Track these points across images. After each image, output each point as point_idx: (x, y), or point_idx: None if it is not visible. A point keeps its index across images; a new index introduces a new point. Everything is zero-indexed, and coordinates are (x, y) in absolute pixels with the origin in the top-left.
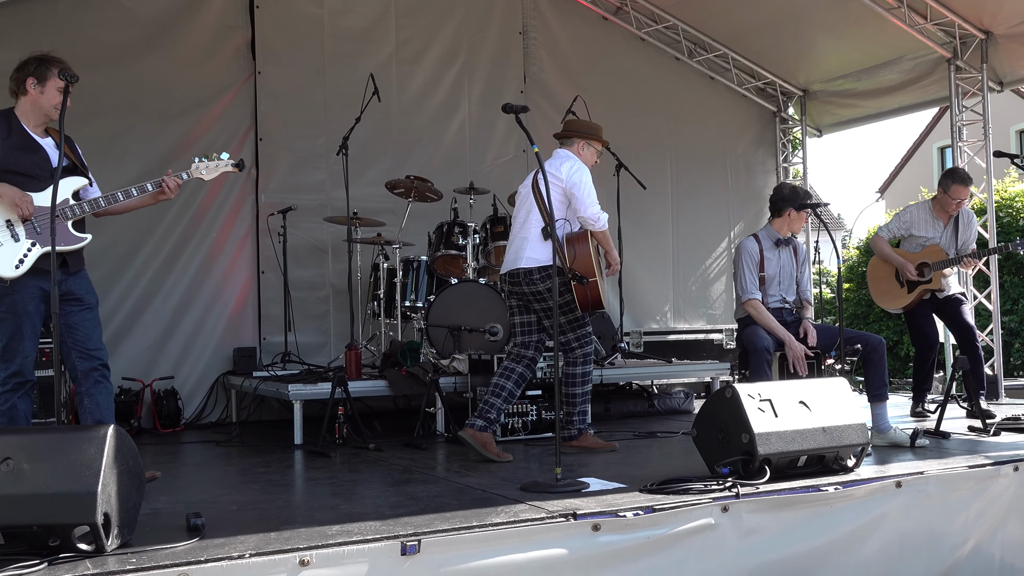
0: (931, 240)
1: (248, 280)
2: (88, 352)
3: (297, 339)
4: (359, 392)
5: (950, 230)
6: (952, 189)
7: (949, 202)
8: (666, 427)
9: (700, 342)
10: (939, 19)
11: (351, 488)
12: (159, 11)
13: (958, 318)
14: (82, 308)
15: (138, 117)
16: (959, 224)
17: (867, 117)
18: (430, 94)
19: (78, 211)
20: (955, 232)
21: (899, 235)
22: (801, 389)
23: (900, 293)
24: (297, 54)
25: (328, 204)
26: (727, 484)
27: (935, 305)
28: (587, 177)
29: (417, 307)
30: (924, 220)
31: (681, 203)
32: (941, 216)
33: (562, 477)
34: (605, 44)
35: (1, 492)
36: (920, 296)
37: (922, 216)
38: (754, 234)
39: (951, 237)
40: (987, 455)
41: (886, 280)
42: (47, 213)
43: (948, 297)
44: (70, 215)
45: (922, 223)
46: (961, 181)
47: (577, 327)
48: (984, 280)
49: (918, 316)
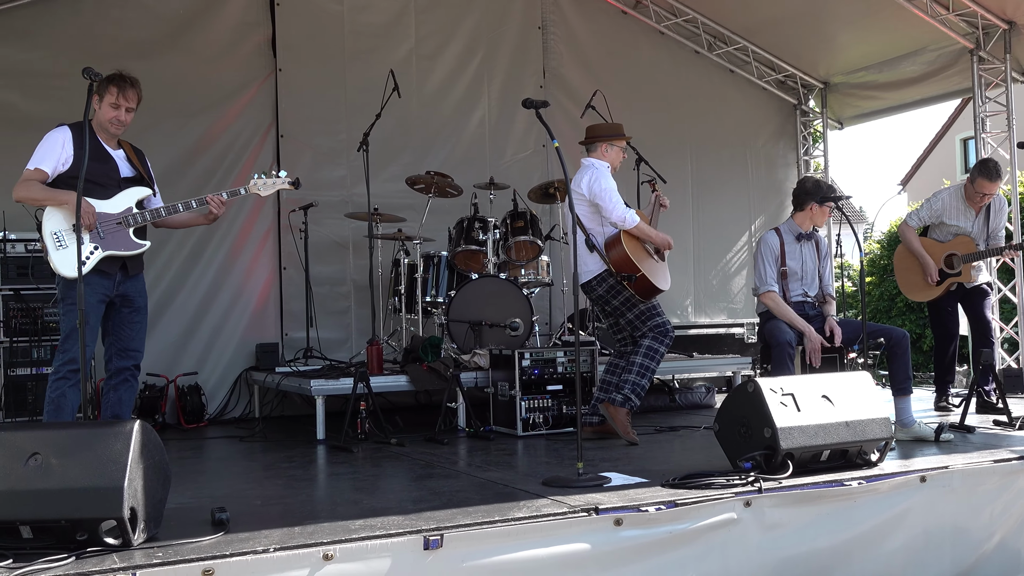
0: (962, 230)
1: (270, 276)
2: (127, 351)
3: (319, 335)
4: (381, 387)
5: (981, 218)
6: (978, 182)
7: (975, 195)
8: (688, 422)
9: (721, 336)
10: (961, 9)
11: (373, 483)
12: (180, 9)
13: (979, 311)
14: (132, 311)
15: (161, 114)
16: (990, 211)
17: (889, 109)
18: (449, 90)
19: (139, 219)
20: (986, 220)
21: (929, 223)
22: (824, 383)
23: (926, 285)
24: (317, 51)
25: (349, 200)
26: (749, 479)
27: (961, 295)
28: (607, 183)
29: (438, 302)
30: (956, 208)
31: (701, 197)
32: (972, 205)
33: (584, 472)
34: (624, 38)
35: (30, 487)
36: (947, 288)
37: (954, 204)
38: (776, 228)
39: (982, 226)
40: (1012, 449)
41: (913, 271)
42: (110, 219)
43: (975, 287)
44: (132, 223)
45: (953, 211)
46: (987, 175)
47: (647, 319)
48: (1009, 272)
49: (943, 307)
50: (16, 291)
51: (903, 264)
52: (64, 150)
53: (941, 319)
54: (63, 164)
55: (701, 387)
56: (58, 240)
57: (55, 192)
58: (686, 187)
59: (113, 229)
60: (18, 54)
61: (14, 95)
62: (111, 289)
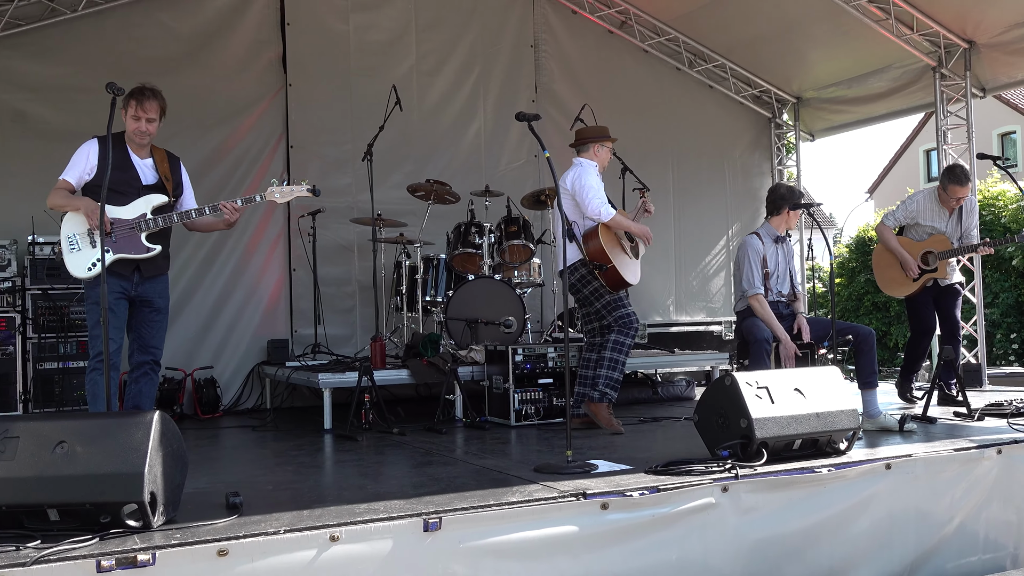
0: (937, 229)
1: (281, 277)
2: (146, 347)
3: (326, 331)
4: (383, 380)
5: (955, 219)
6: (950, 189)
7: (947, 199)
8: (669, 413)
9: (700, 333)
10: (924, 30)
11: (377, 469)
12: (197, 28)
13: (950, 312)
14: (151, 311)
15: (179, 126)
16: (963, 212)
17: (857, 122)
18: (448, 103)
19: (151, 225)
20: (959, 220)
21: (904, 223)
22: (796, 377)
23: (905, 281)
24: (325, 67)
25: (354, 206)
26: (727, 466)
27: (935, 292)
28: (589, 180)
29: (437, 301)
30: (930, 209)
31: (682, 203)
32: (946, 206)
33: (572, 459)
34: (611, 56)
35: (57, 473)
36: (924, 284)
37: (928, 205)
38: (756, 232)
39: (956, 225)
40: (971, 439)
41: (891, 268)
42: (124, 224)
43: (948, 287)
44: (144, 228)
45: (928, 212)
46: (956, 181)
47: (613, 309)
48: (968, 274)
49: (920, 303)
50: (44, 290)
51: (881, 262)
52: (88, 161)
53: (918, 314)
54: (88, 174)
55: (682, 381)
56: (72, 244)
57: (72, 199)
58: (668, 194)
59: (125, 234)
60: (47, 70)
61: (45, 109)
62: (129, 289)
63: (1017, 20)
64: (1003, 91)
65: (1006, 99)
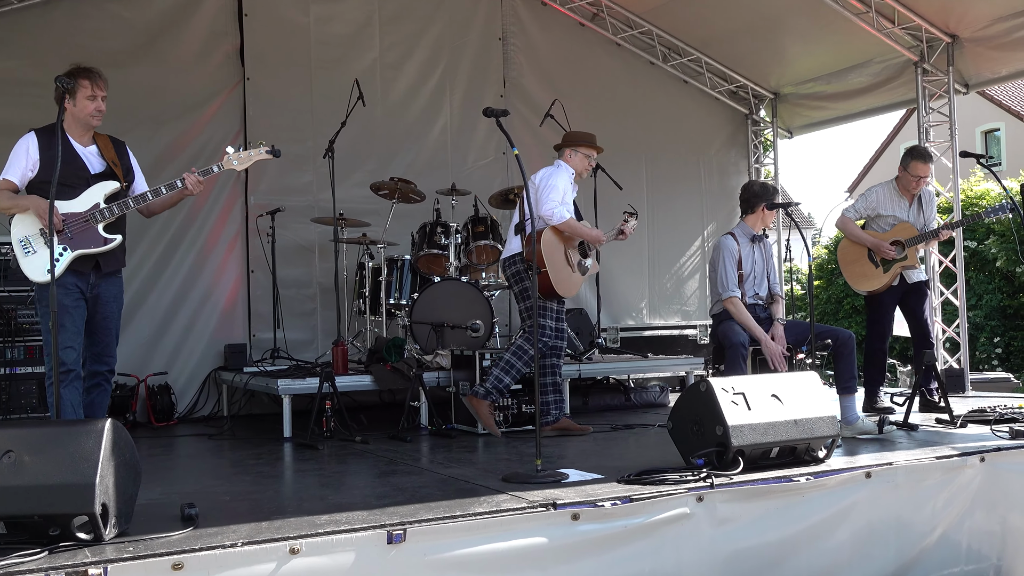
0: (899, 218)
1: (238, 279)
2: (101, 356)
3: (285, 336)
4: (346, 387)
5: (916, 208)
6: (912, 166)
7: (910, 180)
8: (642, 420)
9: (675, 338)
10: (906, 23)
11: (339, 479)
12: (151, 19)
13: (919, 311)
14: (104, 316)
15: (132, 122)
16: (922, 201)
17: (836, 119)
18: (413, 98)
19: (107, 214)
20: (920, 209)
21: (866, 215)
22: (773, 383)
23: (875, 273)
24: (284, 60)
25: (315, 205)
26: (702, 475)
27: (902, 291)
28: (555, 180)
29: (401, 304)
30: (890, 199)
31: (656, 203)
32: (905, 195)
33: (542, 468)
34: (582, 49)
35: (3, 483)
36: (895, 275)
37: (887, 195)
38: (731, 232)
39: (917, 215)
40: (954, 446)
41: (859, 262)
42: (77, 218)
43: (915, 285)
44: (100, 218)
45: (888, 202)
46: (920, 157)
47: (532, 315)
48: (951, 276)
49: (885, 302)
50: None
51: (848, 257)
52: (29, 157)
53: (881, 315)
54: (31, 171)
55: (655, 387)
56: (26, 247)
57: (18, 199)
58: (641, 194)
59: (81, 228)
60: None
61: None
62: (87, 289)
63: (1001, 13)
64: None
65: (990, 95)
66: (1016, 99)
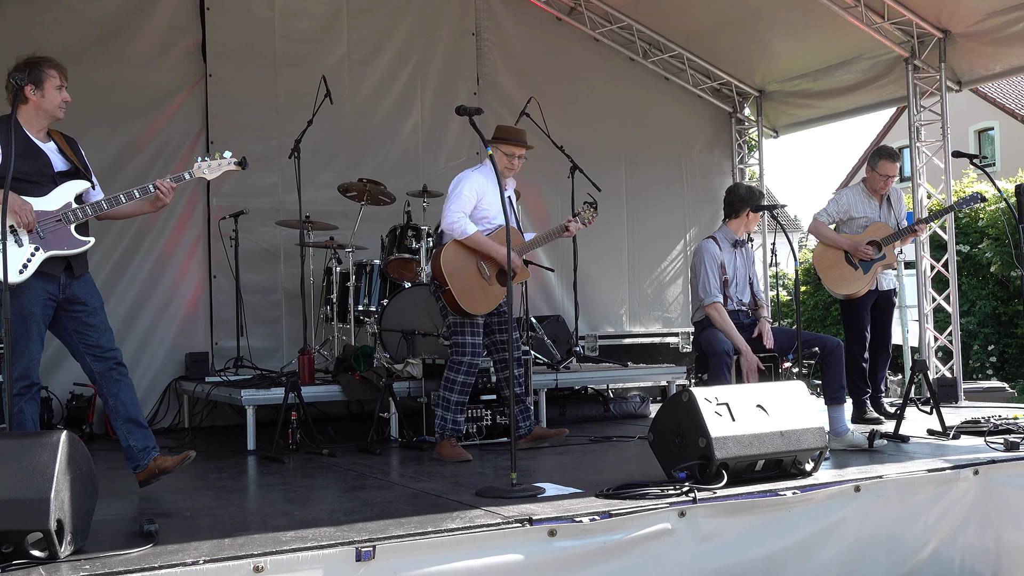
0: (871, 219)
1: (200, 285)
2: (101, 354)
3: (249, 344)
4: (312, 397)
5: (886, 207)
6: (880, 165)
7: (878, 179)
8: (622, 431)
9: (656, 346)
10: (897, 18)
11: (305, 494)
12: (108, 13)
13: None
14: (88, 311)
15: (89, 120)
16: (891, 201)
17: (824, 118)
18: (383, 96)
19: (80, 215)
20: (890, 208)
21: (838, 219)
22: (759, 393)
23: (855, 276)
24: (248, 56)
25: (280, 208)
26: (684, 489)
27: (874, 299)
28: (462, 187)
29: (370, 311)
30: (860, 201)
31: (636, 205)
32: (875, 196)
33: (518, 482)
34: (559, 45)
35: None
36: (875, 275)
37: (857, 197)
38: (712, 236)
39: (888, 214)
40: (947, 459)
41: (837, 266)
42: (49, 217)
43: (886, 294)
44: (72, 219)
45: (859, 204)
46: (888, 157)
47: (452, 334)
48: (943, 282)
49: (862, 307)
50: None
51: (825, 262)
52: None
53: (858, 320)
54: None
55: (635, 397)
56: None
57: None
58: (620, 195)
59: (53, 227)
60: None
61: None
62: (57, 292)
63: (996, 7)
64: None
65: (983, 93)
66: (1011, 97)
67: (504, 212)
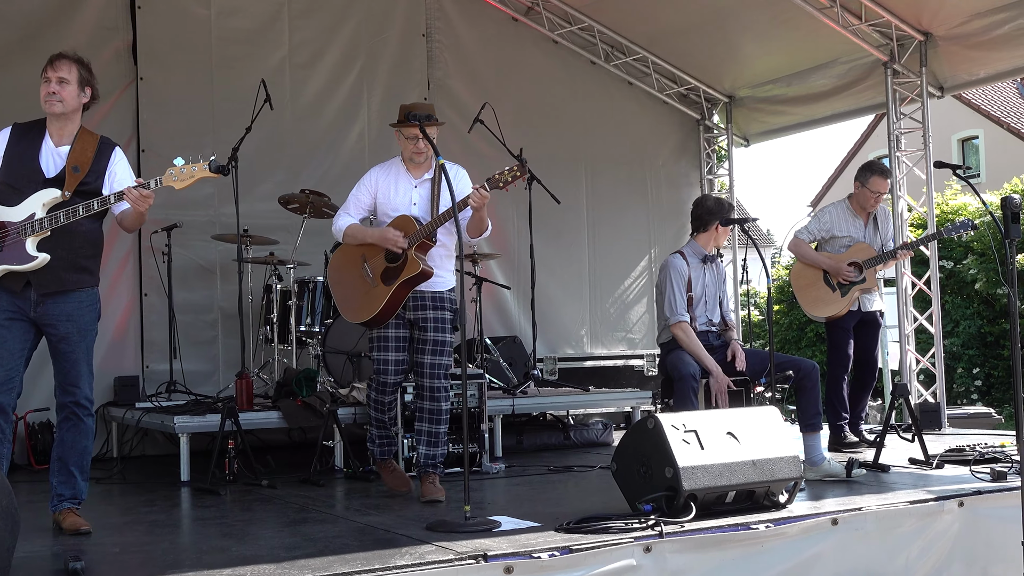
0: (855, 239)
1: (130, 304)
2: (64, 386)
3: (183, 367)
4: (251, 424)
5: (871, 228)
6: (871, 182)
7: (868, 197)
8: (583, 461)
9: (619, 369)
10: (875, 19)
11: (243, 529)
12: (31, 12)
13: (869, 344)
14: (58, 337)
15: None
16: (878, 220)
17: (798, 125)
18: (326, 101)
19: (36, 227)
20: (876, 229)
21: (820, 237)
22: (729, 419)
23: (833, 298)
24: (182, 58)
25: (216, 221)
26: (650, 522)
27: (857, 320)
28: (357, 186)
29: (313, 332)
30: (844, 219)
31: (598, 218)
32: (860, 214)
33: (472, 515)
34: (515, 47)
35: None
36: (854, 299)
37: (841, 215)
38: (679, 251)
39: (873, 235)
40: (930, 489)
41: (814, 286)
42: (13, 228)
43: (870, 315)
44: (30, 231)
45: (843, 223)
46: (880, 173)
47: (370, 350)
48: (925, 301)
49: (843, 328)
50: None
51: (802, 281)
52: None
53: (840, 343)
54: None
55: (598, 423)
56: None
57: None
58: (581, 208)
59: (12, 240)
60: None
61: None
62: (28, 308)
63: (980, 8)
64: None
65: (967, 99)
66: (996, 104)
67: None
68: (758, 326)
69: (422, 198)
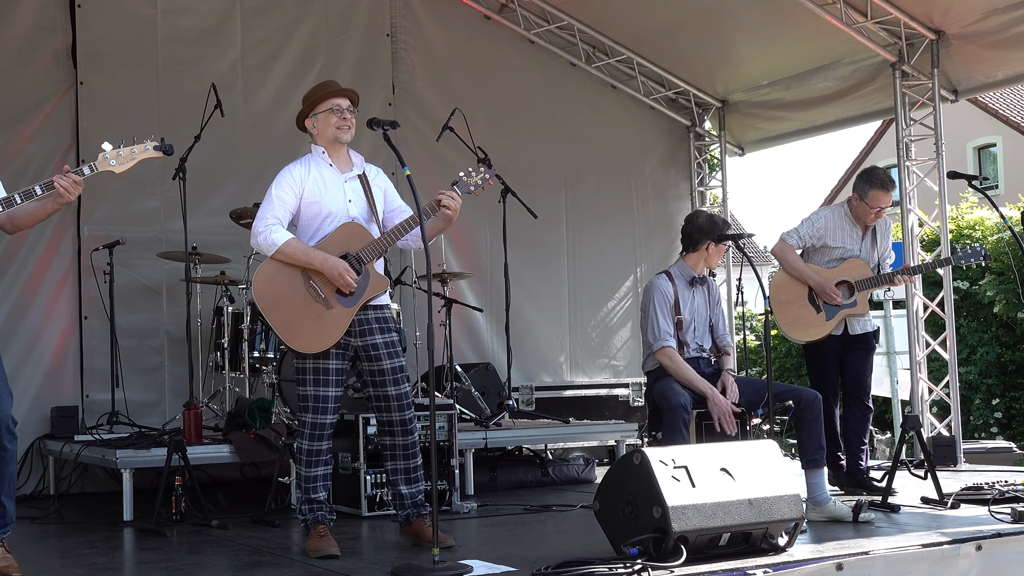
0: (849, 252)
1: (68, 327)
2: None
3: (126, 396)
4: (200, 459)
5: (868, 240)
6: (871, 196)
7: (867, 211)
8: (563, 499)
9: (602, 398)
10: (882, 16)
11: (191, 573)
12: None
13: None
14: None
15: None
16: (877, 232)
17: (797, 132)
18: (283, 107)
19: None
20: (874, 242)
21: (810, 244)
22: (723, 454)
23: (816, 320)
24: (126, 61)
25: (163, 237)
26: (636, 567)
27: (843, 343)
28: (274, 184)
29: (267, 358)
30: (840, 227)
31: (579, 234)
32: (858, 224)
33: (440, 559)
34: (488, 48)
35: None
36: (839, 323)
37: (838, 222)
38: (666, 272)
39: (870, 249)
40: (944, 531)
41: (797, 303)
42: None
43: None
44: None
45: (838, 231)
46: (881, 185)
47: (298, 385)
48: (939, 325)
49: (825, 355)
50: None
51: (783, 296)
52: None
53: (823, 371)
54: None
55: (579, 459)
56: None
57: None
58: (560, 223)
59: None
60: None
61: None
62: None
63: (997, 4)
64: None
65: (983, 104)
66: (1015, 109)
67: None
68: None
69: (357, 195)
